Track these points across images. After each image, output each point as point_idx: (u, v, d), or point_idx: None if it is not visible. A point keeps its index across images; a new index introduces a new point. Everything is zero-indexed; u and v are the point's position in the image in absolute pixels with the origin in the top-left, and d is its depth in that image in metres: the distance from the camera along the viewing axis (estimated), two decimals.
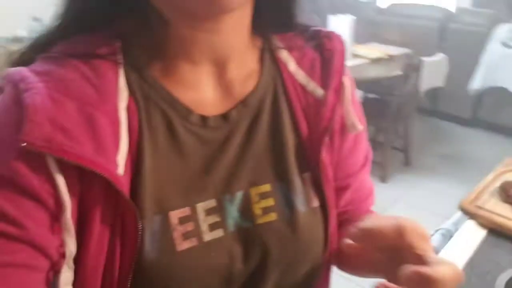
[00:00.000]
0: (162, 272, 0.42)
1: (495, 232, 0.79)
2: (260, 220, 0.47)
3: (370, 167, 0.62)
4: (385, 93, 3.27)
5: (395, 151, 3.13)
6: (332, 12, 3.18)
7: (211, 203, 0.45)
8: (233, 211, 0.46)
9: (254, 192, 0.47)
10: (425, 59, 2.68)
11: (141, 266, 0.41)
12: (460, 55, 3.65)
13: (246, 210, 0.47)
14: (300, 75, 0.52)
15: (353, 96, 0.55)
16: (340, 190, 0.57)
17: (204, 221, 0.44)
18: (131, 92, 0.44)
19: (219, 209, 0.45)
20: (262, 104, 0.49)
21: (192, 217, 0.44)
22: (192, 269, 0.43)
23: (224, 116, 0.47)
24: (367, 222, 0.38)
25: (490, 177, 0.93)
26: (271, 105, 0.50)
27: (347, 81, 0.53)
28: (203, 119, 0.46)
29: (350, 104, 0.53)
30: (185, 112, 0.46)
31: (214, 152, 0.46)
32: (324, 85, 0.51)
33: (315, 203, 0.51)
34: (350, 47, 3.00)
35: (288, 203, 0.48)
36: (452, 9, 4.05)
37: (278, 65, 0.52)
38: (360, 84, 3.40)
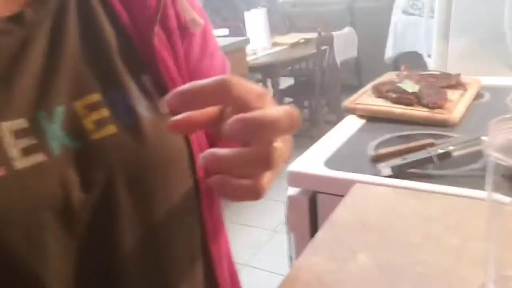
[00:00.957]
0: None
1: (372, 119, 0.96)
2: (96, 136, 0.40)
3: None
4: (311, 74, 3.50)
5: (330, 124, 3.35)
6: (248, 9, 3.39)
7: (20, 123, 0.37)
8: (55, 131, 0.39)
9: (80, 104, 0.40)
10: (335, 33, 2.92)
11: None
12: (371, 30, 3.97)
13: (73, 127, 0.39)
14: None
15: None
16: None
17: (14, 146, 0.37)
18: None
19: (33, 130, 0.38)
20: (65, 1, 0.42)
21: None
22: (5, 206, 0.35)
23: (15, 18, 0.39)
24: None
25: (368, 86, 1.11)
26: (77, 2, 0.43)
27: None
28: None
29: None
30: None
31: (10, 63, 0.38)
32: None
33: (165, 108, 0.44)
34: (269, 38, 3.21)
35: (128, 112, 0.42)
36: None
37: None
38: (287, 70, 3.64)
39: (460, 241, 0.51)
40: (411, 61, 4.03)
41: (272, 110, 0.30)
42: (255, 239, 2.32)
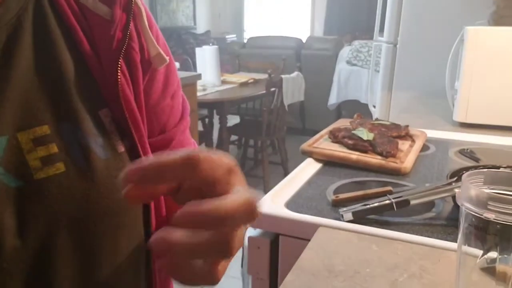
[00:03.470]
0: None
1: (328, 163, 0.99)
2: (40, 175, 0.35)
3: (190, 125, 0.55)
4: (257, 114, 3.57)
5: (275, 165, 3.40)
6: (198, 45, 3.43)
7: None
8: None
9: (26, 137, 0.35)
10: (284, 76, 3.02)
11: None
12: (316, 76, 4.16)
13: (15, 163, 0.35)
14: None
15: (152, 25, 0.47)
16: (160, 148, 0.47)
17: None
18: None
19: None
20: (20, 23, 0.38)
21: None
22: None
23: None
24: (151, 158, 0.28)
25: (324, 131, 1.14)
26: (33, 24, 0.39)
27: (142, 4, 0.46)
28: None
29: (149, 30, 0.45)
30: None
31: None
32: (108, 1, 0.42)
33: (121, 147, 0.41)
34: (219, 75, 3.25)
35: (80, 149, 0.38)
36: (305, 38, 4.61)
37: None
38: (235, 108, 3.68)
39: None
40: (352, 108, 4.27)
41: (232, 199, 0.27)
42: None
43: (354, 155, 0.97)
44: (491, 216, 0.38)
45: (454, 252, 0.55)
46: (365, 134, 1.02)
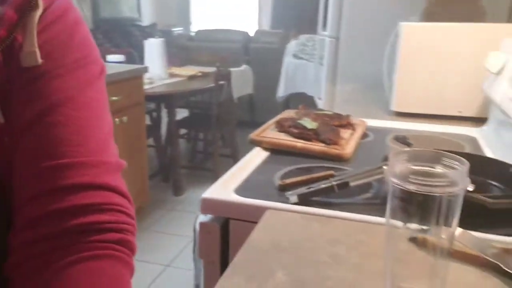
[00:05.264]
0: None
1: (275, 152, 1.03)
2: None
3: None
4: (206, 108, 3.57)
5: (225, 158, 3.43)
6: (144, 38, 3.38)
7: None
8: None
9: None
10: (233, 69, 3.05)
11: None
12: (264, 70, 4.23)
13: None
14: None
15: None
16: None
17: None
18: None
19: None
20: None
21: None
22: None
23: None
24: None
25: (271, 121, 1.19)
26: None
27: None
28: None
29: (33, 29, 0.42)
30: None
31: None
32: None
33: None
34: (167, 68, 3.22)
35: None
36: (252, 31, 4.66)
37: None
38: (184, 102, 3.66)
39: (361, 259, 0.59)
40: (300, 100, 4.37)
41: None
42: (147, 274, 2.24)
43: (300, 143, 1.03)
44: (412, 187, 0.44)
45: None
46: (309, 123, 1.08)
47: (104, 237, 0.41)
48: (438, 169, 0.47)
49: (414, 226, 0.48)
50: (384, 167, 0.50)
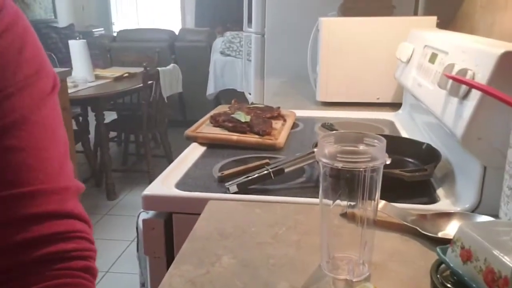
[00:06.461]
0: None
1: (212, 146, 1.06)
2: None
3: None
4: (135, 109, 3.50)
5: (159, 158, 3.39)
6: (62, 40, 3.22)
7: None
8: None
9: None
10: (161, 69, 3.02)
11: None
12: (192, 68, 4.22)
13: None
14: None
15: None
16: None
17: None
18: None
19: None
20: None
21: None
22: None
23: None
24: None
25: (205, 117, 1.22)
26: None
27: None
28: None
29: None
30: None
31: None
32: None
33: None
34: (91, 70, 3.11)
35: None
36: (177, 30, 4.62)
37: None
38: (111, 104, 3.55)
39: (299, 236, 0.64)
40: (230, 97, 4.43)
41: None
42: None
43: (235, 136, 1.07)
44: (340, 165, 0.50)
45: None
46: (242, 117, 1.12)
47: (71, 265, 0.42)
48: (361, 148, 0.54)
49: (343, 203, 0.54)
50: (315, 150, 0.55)
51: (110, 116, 3.58)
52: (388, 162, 0.51)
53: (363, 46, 1.40)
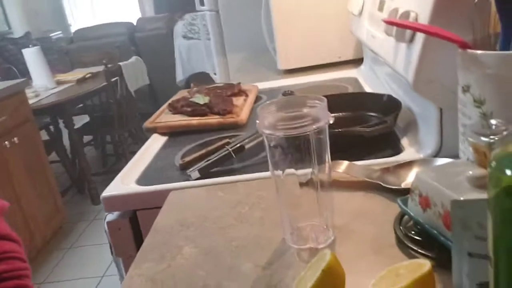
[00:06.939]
0: None
1: (173, 134, 1.03)
2: None
3: None
4: (106, 109, 3.42)
5: None
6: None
7: None
8: None
9: None
10: (122, 63, 2.93)
11: None
12: (157, 57, 4.12)
13: None
14: None
15: None
16: None
17: None
18: None
19: None
20: None
21: None
22: None
23: None
24: None
25: (163, 106, 1.18)
26: None
27: None
28: None
29: None
30: None
31: None
32: None
33: None
34: (51, 77, 3.01)
35: None
36: (135, 21, 4.49)
37: None
38: (81, 108, 3.46)
39: (262, 213, 0.62)
40: (201, 80, 4.35)
41: None
42: None
43: (195, 120, 1.03)
44: (281, 133, 0.47)
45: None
46: (201, 99, 1.09)
47: (5, 286, 0.42)
48: (305, 111, 0.51)
49: (298, 172, 0.51)
50: (257, 122, 0.53)
51: (82, 120, 3.50)
52: (331, 121, 0.48)
53: (315, 6, 1.36)
